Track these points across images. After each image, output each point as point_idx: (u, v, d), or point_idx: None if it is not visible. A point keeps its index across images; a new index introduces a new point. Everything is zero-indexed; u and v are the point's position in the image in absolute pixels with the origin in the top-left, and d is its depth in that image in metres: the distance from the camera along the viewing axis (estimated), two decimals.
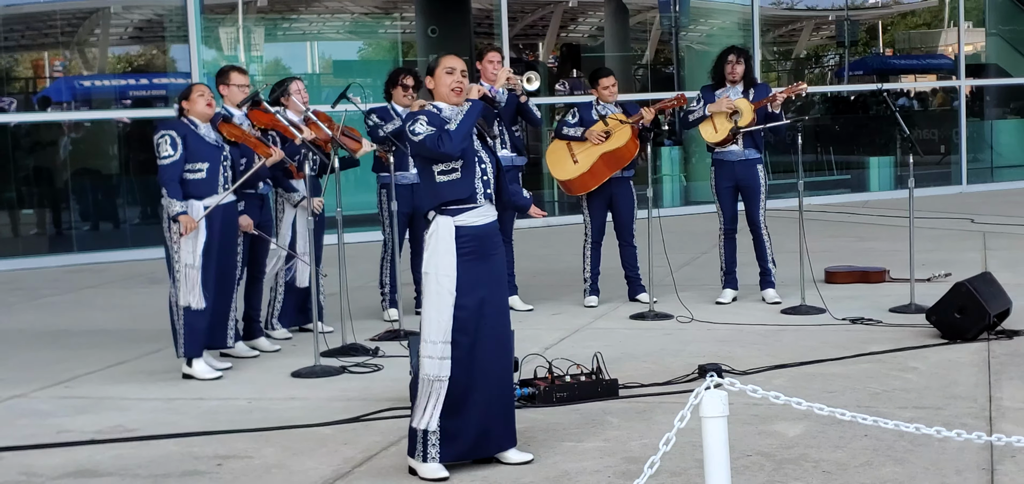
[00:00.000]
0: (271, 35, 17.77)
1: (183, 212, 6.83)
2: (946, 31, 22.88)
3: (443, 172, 4.96)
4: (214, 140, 7.07)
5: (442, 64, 5.17)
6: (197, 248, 6.88)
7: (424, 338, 4.97)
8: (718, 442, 3.11)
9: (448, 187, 4.96)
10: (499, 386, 5.11)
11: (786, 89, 8.86)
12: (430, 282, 4.95)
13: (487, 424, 5.07)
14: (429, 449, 4.97)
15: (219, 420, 6.07)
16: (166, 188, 6.85)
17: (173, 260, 6.96)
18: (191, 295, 6.88)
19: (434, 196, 4.99)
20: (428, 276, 4.96)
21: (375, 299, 9.00)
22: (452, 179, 4.96)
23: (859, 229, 13.16)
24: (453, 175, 4.96)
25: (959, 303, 7.22)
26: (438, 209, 4.99)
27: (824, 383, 6.36)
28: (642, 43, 21.30)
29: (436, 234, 4.96)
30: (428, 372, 4.95)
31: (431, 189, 5.00)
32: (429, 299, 4.96)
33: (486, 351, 5.04)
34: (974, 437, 3.18)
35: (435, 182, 4.97)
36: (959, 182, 17.37)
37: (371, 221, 12.24)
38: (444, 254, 4.93)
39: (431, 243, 4.97)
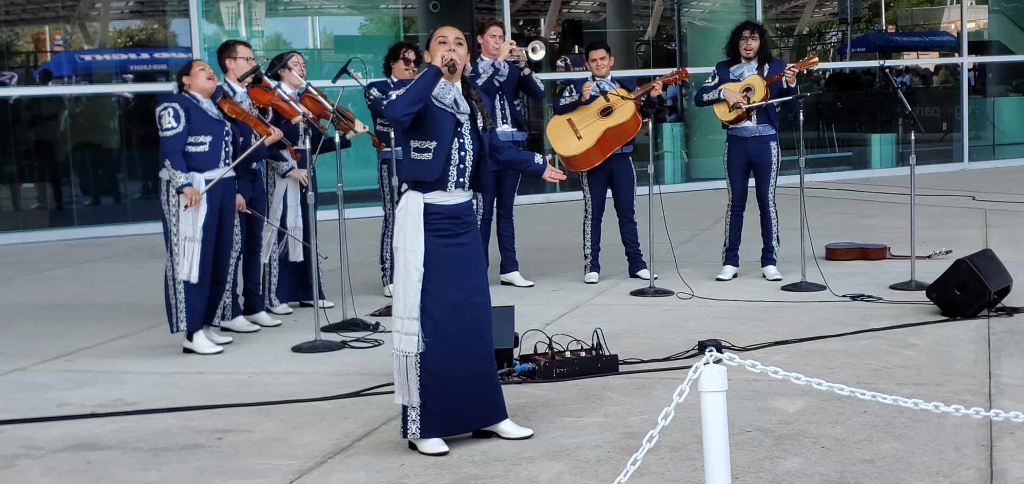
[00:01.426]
0: (272, 10, 17.72)
1: (188, 183, 6.82)
2: (949, 8, 22.85)
3: (417, 149, 4.94)
4: (216, 115, 7.07)
5: (435, 34, 5.11)
6: (197, 222, 6.88)
7: (394, 313, 4.98)
8: (717, 417, 3.11)
9: (419, 166, 4.93)
10: (478, 361, 5.08)
11: (798, 63, 8.83)
12: (399, 257, 4.93)
13: (467, 399, 5.05)
14: (409, 424, 4.97)
15: (219, 394, 6.09)
16: (170, 159, 6.84)
17: (172, 234, 6.95)
18: (189, 269, 6.87)
19: (408, 170, 4.97)
20: (397, 251, 4.94)
21: (375, 275, 9.01)
22: (423, 158, 4.93)
23: (860, 206, 13.16)
24: (425, 154, 4.92)
25: (959, 280, 7.22)
26: (411, 184, 4.97)
27: (824, 359, 6.36)
28: (644, 19, 21.26)
29: (405, 209, 4.94)
30: (397, 346, 4.94)
31: (407, 163, 4.99)
32: (398, 274, 4.95)
33: (460, 327, 5.01)
34: (972, 413, 3.18)
35: (410, 159, 4.96)
36: (961, 159, 17.36)
37: (371, 196, 12.25)
38: (412, 230, 4.91)
39: (400, 218, 4.95)
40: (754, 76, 8.67)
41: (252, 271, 7.89)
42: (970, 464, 4.59)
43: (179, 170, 6.83)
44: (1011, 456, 4.66)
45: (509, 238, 9.04)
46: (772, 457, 4.76)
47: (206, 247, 6.94)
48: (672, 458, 4.78)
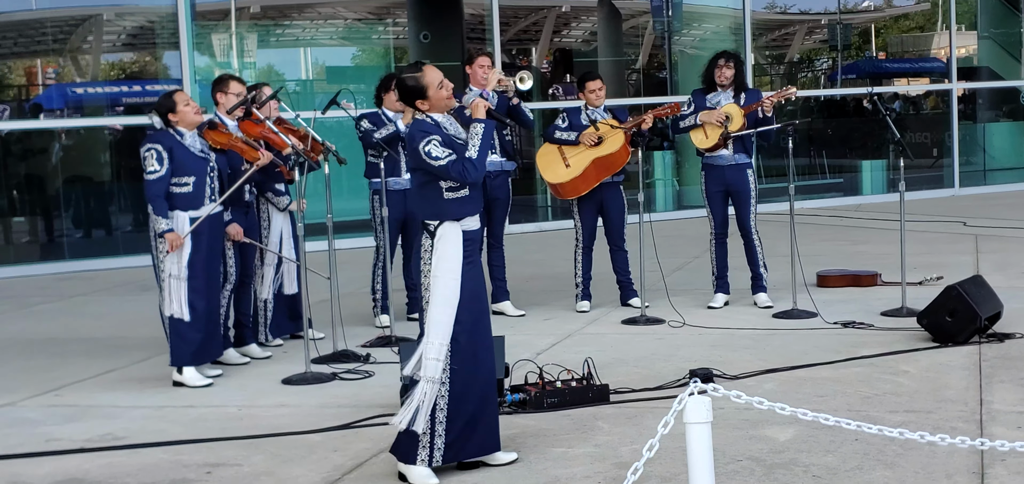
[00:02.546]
0: (264, 41, 17.77)
1: (169, 229, 6.81)
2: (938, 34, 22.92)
3: (451, 190, 5.06)
4: (200, 151, 7.03)
5: (430, 80, 5.14)
6: (182, 259, 6.87)
7: (428, 340, 5.00)
8: (702, 448, 3.10)
9: (457, 205, 5.08)
10: (486, 388, 5.15)
11: (776, 94, 8.87)
12: (438, 286, 5.01)
13: (476, 427, 5.09)
14: (420, 451, 4.98)
15: (209, 428, 6.06)
16: (152, 205, 6.84)
17: (159, 270, 6.95)
18: (175, 306, 6.86)
19: (441, 211, 5.06)
20: (436, 279, 5.01)
21: (366, 305, 8.99)
22: (460, 196, 5.08)
23: (851, 233, 13.16)
24: (461, 192, 5.07)
25: (950, 306, 7.22)
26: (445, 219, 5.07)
27: (815, 387, 6.35)
28: (635, 48, 21.33)
29: (444, 239, 5.04)
30: (429, 374, 4.98)
31: (436, 204, 5.07)
32: (435, 302, 5.01)
33: (478, 353, 5.11)
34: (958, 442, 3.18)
35: (442, 198, 5.06)
36: (951, 185, 17.39)
37: (361, 227, 12.24)
38: (452, 259, 5.03)
39: (439, 248, 5.03)
40: (732, 105, 8.69)
41: (243, 303, 7.86)
42: None
43: (161, 215, 6.82)
44: (1002, 483, 4.64)
45: (500, 268, 9.03)
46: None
47: (195, 283, 6.92)
48: None
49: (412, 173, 5.25)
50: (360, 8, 19.12)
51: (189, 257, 6.90)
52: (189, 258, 6.90)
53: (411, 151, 5.10)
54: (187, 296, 6.89)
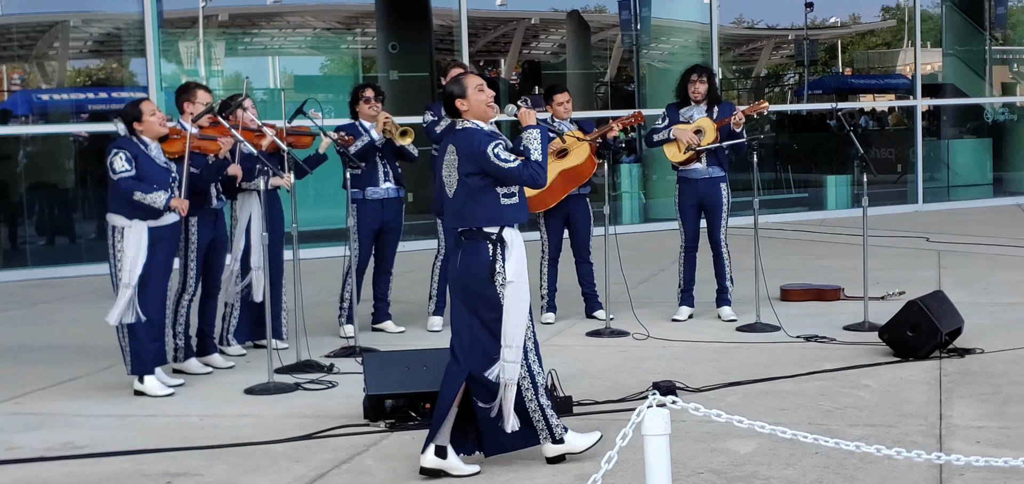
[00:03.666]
0: (231, 49, 17.73)
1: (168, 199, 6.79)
2: (904, 51, 23.14)
3: (507, 195, 5.21)
4: (164, 162, 7.00)
5: (471, 82, 5.32)
6: (136, 268, 6.83)
7: (506, 344, 5.15)
8: (660, 460, 3.12)
9: (511, 210, 5.22)
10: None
11: (748, 107, 8.92)
12: (514, 291, 5.15)
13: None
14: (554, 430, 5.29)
15: (170, 437, 6.03)
16: (138, 191, 6.75)
17: (117, 278, 6.91)
18: (124, 314, 6.83)
19: (498, 217, 5.19)
20: (512, 284, 5.14)
21: (331, 316, 8.97)
22: (513, 203, 5.22)
23: (816, 247, 13.25)
24: (514, 199, 5.22)
25: (912, 321, 7.28)
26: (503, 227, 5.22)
27: (777, 400, 6.39)
28: (604, 61, 21.41)
29: (513, 246, 5.19)
30: (509, 377, 5.14)
31: (494, 209, 5.18)
32: (512, 307, 5.15)
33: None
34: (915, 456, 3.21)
35: (500, 204, 5.19)
36: (915, 201, 17.53)
37: (333, 236, 12.21)
38: (520, 262, 5.19)
39: (512, 255, 5.17)
40: (704, 118, 8.74)
41: (207, 313, 7.84)
42: None
43: (146, 193, 6.76)
44: None
45: None
46: None
47: (153, 290, 6.88)
48: None
49: (465, 178, 5.23)
50: (329, 18, 19.11)
51: (144, 265, 6.85)
52: (144, 266, 6.85)
53: (470, 156, 5.16)
54: (138, 303, 6.84)
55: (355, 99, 8.70)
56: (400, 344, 8.07)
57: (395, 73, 16.88)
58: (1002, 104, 21.25)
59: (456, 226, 5.28)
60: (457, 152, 5.23)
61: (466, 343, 5.23)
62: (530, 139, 5.22)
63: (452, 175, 5.25)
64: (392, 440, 5.85)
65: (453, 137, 5.32)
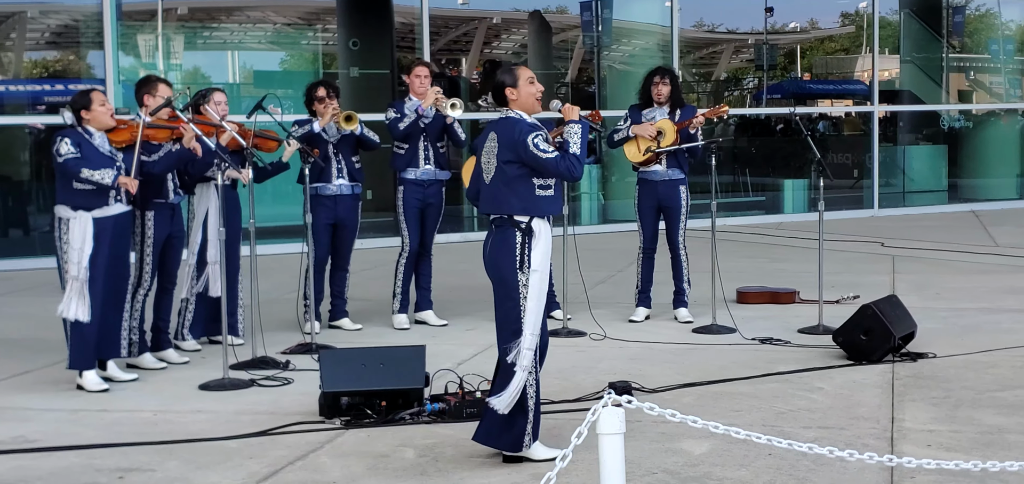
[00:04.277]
0: (191, 43, 17.59)
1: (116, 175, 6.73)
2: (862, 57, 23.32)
3: (543, 187, 5.31)
4: (108, 151, 6.95)
5: (523, 74, 5.44)
6: (83, 260, 6.77)
7: (526, 332, 5.25)
8: (614, 459, 3.13)
9: (545, 202, 5.32)
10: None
11: (708, 111, 8.97)
12: (536, 279, 5.25)
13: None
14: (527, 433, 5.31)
15: (123, 432, 5.99)
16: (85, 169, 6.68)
17: (64, 271, 6.85)
18: (75, 308, 6.77)
19: (531, 208, 5.28)
20: (535, 273, 5.25)
21: (288, 312, 8.94)
22: (548, 195, 5.33)
23: (772, 250, 13.33)
24: (549, 191, 5.32)
25: (865, 325, 7.34)
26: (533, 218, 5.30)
27: (731, 402, 6.43)
28: (565, 61, 21.43)
29: (541, 237, 5.28)
30: (525, 363, 5.24)
31: (528, 199, 5.28)
32: (532, 296, 5.25)
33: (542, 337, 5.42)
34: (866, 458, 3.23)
35: (534, 195, 5.29)
36: (871, 206, 17.66)
37: (289, 232, 12.17)
38: (547, 253, 5.31)
39: (538, 245, 5.26)
40: (665, 120, 8.78)
41: (163, 308, 7.79)
42: None
43: (95, 169, 6.70)
44: None
45: (427, 277, 9.02)
46: None
47: (94, 284, 6.82)
48: None
49: (503, 166, 5.31)
50: (289, 13, 19.02)
51: (90, 257, 6.79)
52: (90, 258, 6.79)
53: (510, 144, 5.27)
54: (87, 298, 6.79)
55: (311, 98, 8.69)
56: (357, 341, 8.05)
57: (356, 70, 16.82)
58: (958, 111, 21.46)
59: (490, 212, 5.40)
60: (498, 139, 5.35)
61: (499, 327, 5.41)
62: (571, 133, 5.33)
63: (491, 162, 5.38)
64: (347, 437, 5.83)
65: (495, 125, 5.44)
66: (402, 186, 8.81)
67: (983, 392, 6.52)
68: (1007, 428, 5.79)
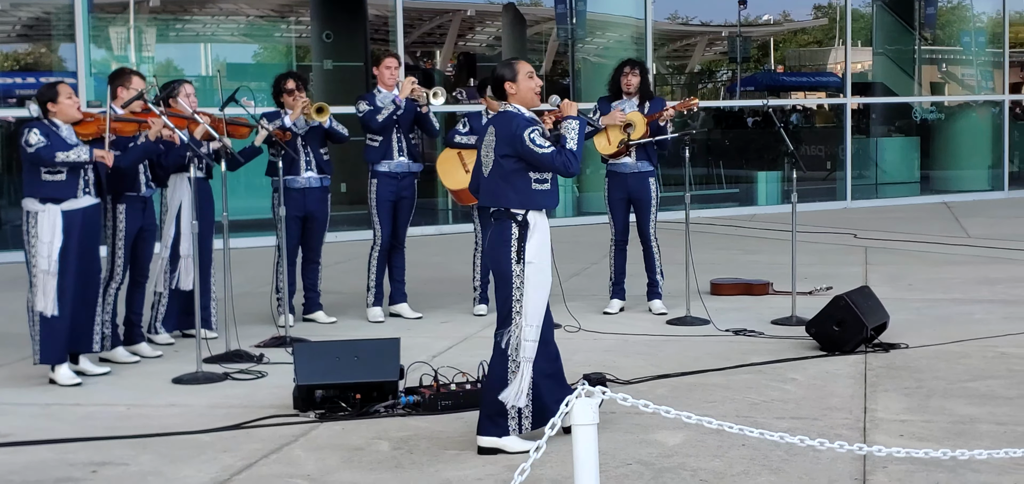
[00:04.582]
0: (163, 36, 17.52)
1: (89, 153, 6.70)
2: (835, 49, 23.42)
3: (539, 181, 5.38)
4: (75, 143, 6.90)
5: (522, 69, 5.51)
6: (52, 254, 6.74)
7: (525, 323, 5.33)
8: (588, 450, 3.14)
9: (541, 195, 5.40)
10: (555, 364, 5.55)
11: (678, 104, 8.99)
12: (533, 271, 5.33)
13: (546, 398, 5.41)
14: (523, 423, 5.36)
15: (96, 426, 5.96)
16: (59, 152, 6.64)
17: (31, 265, 6.81)
18: (45, 301, 6.74)
19: (528, 201, 5.36)
20: (531, 265, 5.33)
21: (261, 305, 8.92)
22: (545, 189, 5.40)
23: (746, 242, 13.38)
24: (545, 185, 5.40)
25: (838, 316, 7.38)
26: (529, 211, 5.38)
27: (705, 393, 6.45)
28: (539, 54, 21.44)
29: (537, 229, 5.37)
30: (527, 354, 5.32)
31: (524, 193, 5.36)
32: (531, 286, 5.33)
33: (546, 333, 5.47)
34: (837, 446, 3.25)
35: (531, 188, 5.37)
36: (844, 198, 17.75)
37: (261, 226, 12.13)
38: (544, 245, 5.37)
39: (534, 237, 5.35)
40: (635, 112, 8.79)
41: (136, 302, 7.75)
42: None
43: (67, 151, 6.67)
44: None
45: (400, 270, 9.02)
46: None
47: (64, 278, 6.78)
48: None
49: (500, 160, 5.38)
50: (262, 5, 18.96)
51: (59, 250, 6.76)
52: (59, 251, 6.76)
53: (507, 138, 5.34)
54: (56, 291, 6.76)
55: (279, 90, 8.66)
56: (331, 335, 8.05)
57: (329, 62, 16.79)
58: (930, 103, 21.59)
59: (488, 205, 5.48)
60: (496, 134, 5.43)
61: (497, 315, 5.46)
62: (567, 128, 5.41)
63: (489, 155, 5.46)
64: (322, 431, 5.83)
65: (495, 119, 5.53)
66: (375, 179, 8.80)
67: (955, 382, 6.57)
68: (978, 418, 5.84)
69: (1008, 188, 18.93)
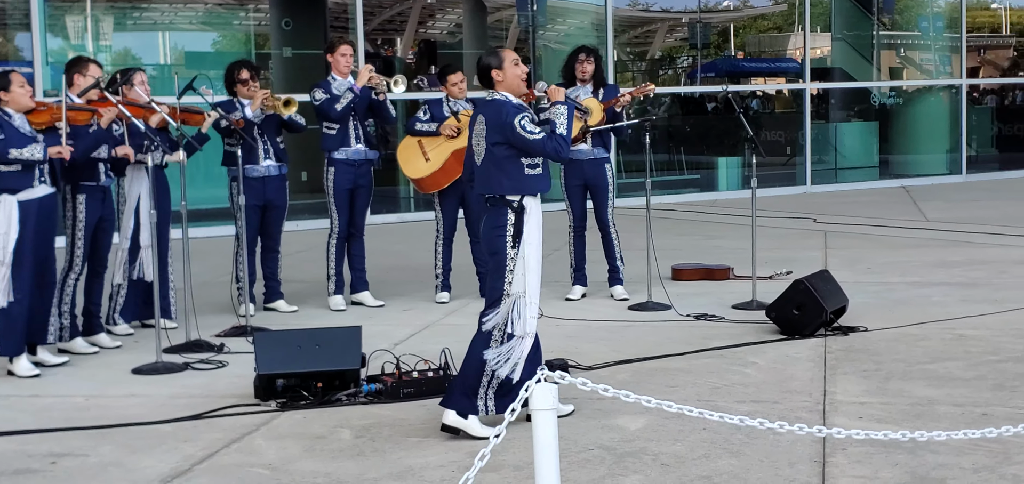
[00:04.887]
0: (120, 24, 17.36)
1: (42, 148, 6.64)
2: (794, 35, 23.53)
3: (531, 166, 5.49)
4: (29, 132, 6.83)
5: (508, 56, 5.60)
6: (8, 245, 6.67)
7: (527, 302, 5.47)
8: (548, 434, 3.15)
9: (535, 180, 5.50)
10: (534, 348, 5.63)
11: (634, 90, 9.01)
12: (532, 252, 5.46)
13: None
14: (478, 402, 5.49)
15: (55, 417, 5.92)
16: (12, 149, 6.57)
17: None
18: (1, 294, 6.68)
19: (522, 187, 5.46)
20: (529, 245, 5.46)
21: (221, 295, 8.87)
22: (537, 173, 5.51)
23: (707, 227, 13.44)
24: (537, 170, 5.51)
25: (797, 300, 7.43)
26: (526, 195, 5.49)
27: (666, 377, 6.48)
28: (500, 41, 21.41)
29: (531, 213, 5.48)
30: (528, 330, 5.47)
31: (517, 179, 5.46)
32: (530, 268, 5.46)
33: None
34: (796, 429, 3.27)
35: (524, 174, 5.47)
36: (804, 183, 17.85)
37: (218, 215, 12.07)
38: (536, 229, 5.50)
39: (529, 222, 5.46)
40: (591, 99, 8.81)
41: (95, 292, 7.69)
42: (804, 479, 4.73)
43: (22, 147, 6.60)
44: (842, 471, 4.81)
45: (360, 258, 8.99)
46: (613, 474, 4.83)
47: (20, 269, 6.71)
48: (515, 476, 4.81)
49: (492, 148, 5.47)
50: None
51: (16, 241, 6.69)
52: (16, 242, 6.69)
53: (498, 126, 5.44)
54: (11, 282, 6.69)
55: (232, 79, 8.60)
56: (293, 323, 8.02)
57: (289, 50, 16.70)
58: (889, 88, 21.75)
59: (483, 192, 5.57)
60: (486, 122, 5.53)
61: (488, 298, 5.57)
62: (556, 113, 5.53)
63: (480, 144, 5.56)
64: (283, 419, 5.81)
65: (483, 107, 5.63)
66: (332, 167, 8.77)
67: (913, 364, 6.63)
68: (937, 399, 5.90)
69: (966, 172, 19.11)
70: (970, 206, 15.03)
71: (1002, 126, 22.64)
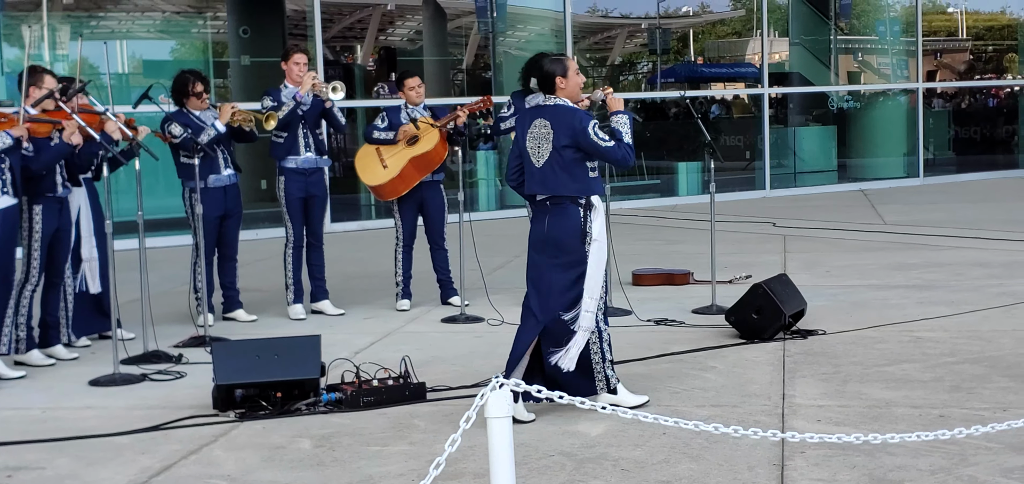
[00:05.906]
0: (77, 33, 17.22)
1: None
2: (753, 40, 23.66)
3: (592, 170, 5.84)
4: None
5: (572, 65, 5.95)
6: None
7: (588, 296, 5.76)
8: (503, 442, 3.14)
9: (596, 182, 5.87)
10: None
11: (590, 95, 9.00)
12: (599, 249, 5.79)
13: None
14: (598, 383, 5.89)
15: (10, 430, 5.85)
16: None
17: None
18: None
19: (586, 188, 5.80)
20: (595, 243, 5.77)
21: (179, 304, 8.80)
22: (596, 176, 5.88)
23: (667, 233, 13.48)
24: (595, 172, 5.87)
25: (757, 304, 7.46)
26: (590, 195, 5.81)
27: (627, 383, 6.44)
28: (460, 48, 21.42)
29: (599, 211, 5.82)
30: (586, 325, 5.77)
31: (583, 181, 5.79)
32: (595, 263, 5.77)
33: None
34: (751, 433, 3.29)
35: (588, 177, 5.82)
36: (763, 187, 17.94)
37: (169, 225, 11.99)
38: (604, 225, 5.86)
39: (597, 220, 5.79)
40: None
41: (51, 303, 7.60)
42: (762, 482, 4.74)
43: None
44: (801, 474, 4.83)
45: (319, 267, 8.95)
46: (573, 481, 4.83)
47: None
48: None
49: (560, 150, 5.75)
50: (179, 1, 18.71)
51: None
52: None
53: (569, 130, 5.72)
54: None
55: (184, 92, 8.47)
56: (252, 333, 7.97)
57: (247, 58, 16.62)
58: (846, 92, 21.91)
59: (542, 193, 5.85)
60: (552, 126, 5.78)
61: (547, 295, 5.82)
62: (620, 123, 5.88)
63: (542, 147, 5.82)
64: (242, 430, 5.77)
65: (544, 111, 5.88)
66: (284, 176, 8.73)
67: (871, 367, 6.67)
68: (894, 402, 5.94)
69: (923, 175, 19.28)
70: (927, 209, 15.15)
71: (959, 129, 22.86)
